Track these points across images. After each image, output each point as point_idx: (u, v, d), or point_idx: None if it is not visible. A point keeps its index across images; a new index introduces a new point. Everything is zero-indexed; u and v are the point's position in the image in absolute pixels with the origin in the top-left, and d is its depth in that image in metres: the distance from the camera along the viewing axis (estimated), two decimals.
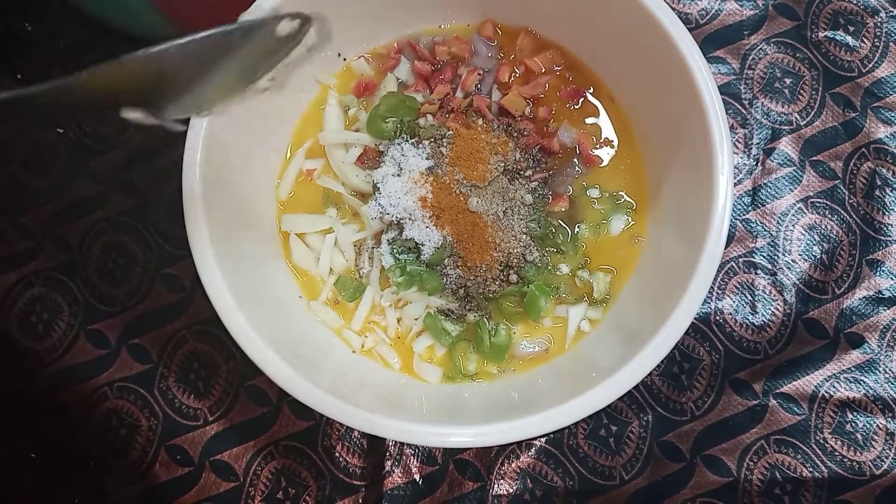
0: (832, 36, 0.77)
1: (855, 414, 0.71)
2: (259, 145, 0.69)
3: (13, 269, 0.77)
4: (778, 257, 0.73)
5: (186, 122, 0.60)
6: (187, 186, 0.60)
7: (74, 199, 0.78)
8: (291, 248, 0.70)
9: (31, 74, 0.80)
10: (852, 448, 0.70)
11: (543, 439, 0.71)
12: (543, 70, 0.72)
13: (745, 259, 0.74)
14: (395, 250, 0.68)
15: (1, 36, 0.81)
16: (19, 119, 0.48)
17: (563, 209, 0.69)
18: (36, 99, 0.45)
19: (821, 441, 0.70)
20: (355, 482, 0.71)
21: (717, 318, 0.73)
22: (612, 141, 0.71)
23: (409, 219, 0.67)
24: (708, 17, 0.78)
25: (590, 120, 0.71)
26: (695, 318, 0.72)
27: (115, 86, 0.46)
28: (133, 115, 0.46)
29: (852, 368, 0.71)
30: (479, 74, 0.72)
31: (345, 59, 0.74)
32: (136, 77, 0.47)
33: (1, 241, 0.78)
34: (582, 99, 0.71)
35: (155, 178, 0.77)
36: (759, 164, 0.75)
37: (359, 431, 0.71)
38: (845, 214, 0.74)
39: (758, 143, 0.76)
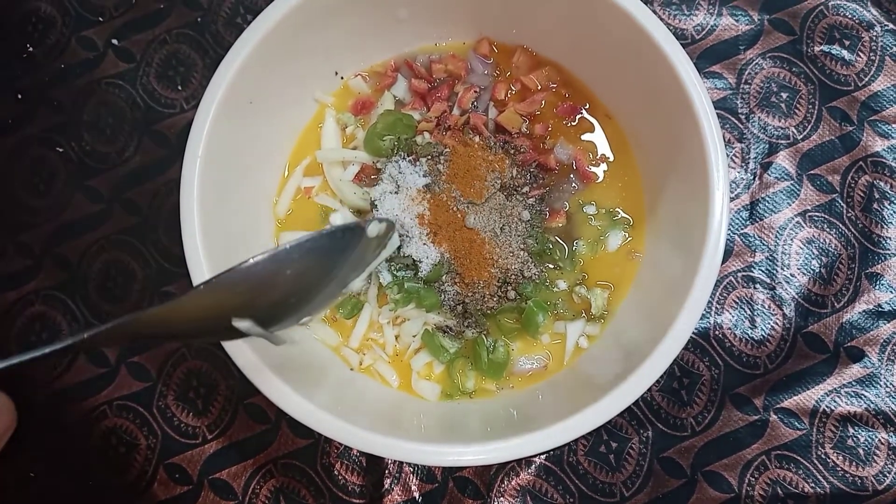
0: (828, 50, 0.77)
1: (856, 428, 0.70)
2: (257, 163, 0.70)
3: (13, 287, 0.77)
4: (777, 271, 0.73)
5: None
6: (185, 205, 0.60)
7: (74, 217, 0.78)
8: None
9: (32, 95, 0.80)
10: (854, 463, 0.70)
11: (543, 456, 0.71)
12: (539, 87, 0.72)
13: (744, 273, 0.73)
14: (392, 267, 0.68)
15: (3, 56, 0.82)
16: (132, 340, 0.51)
17: (561, 225, 0.70)
18: (149, 321, 0.47)
19: (822, 456, 0.70)
20: (354, 500, 0.71)
21: (717, 332, 0.72)
22: (609, 157, 0.71)
23: (407, 236, 0.67)
24: (704, 32, 0.78)
25: (586, 136, 0.71)
26: (694, 333, 0.72)
27: (222, 300, 0.48)
28: (242, 324, 0.48)
29: (853, 382, 0.71)
30: (475, 92, 0.72)
31: (342, 78, 0.74)
32: (243, 289, 0.49)
33: (1, 259, 0.78)
34: (578, 115, 0.71)
35: (154, 196, 0.78)
36: (756, 178, 0.75)
37: (357, 450, 0.71)
38: (844, 228, 0.74)
39: (755, 158, 0.76)
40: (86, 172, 0.79)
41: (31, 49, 0.81)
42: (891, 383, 0.71)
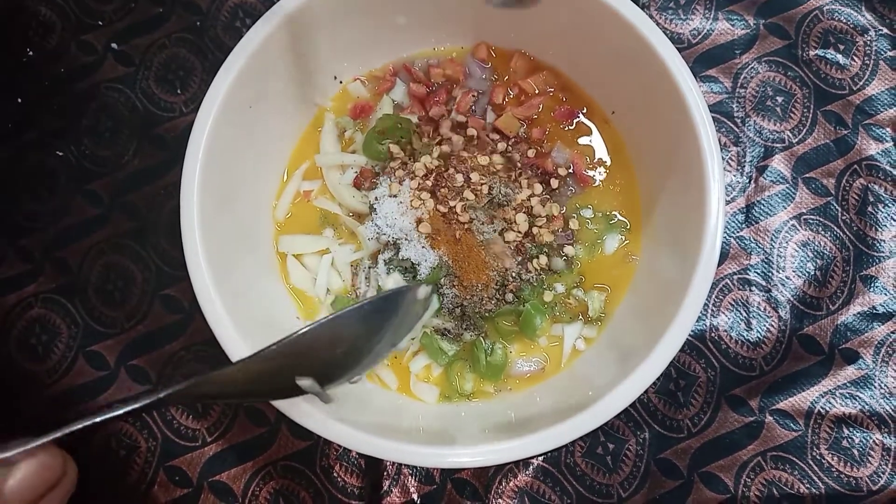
0: (823, 54, 0.78)
1: (851, 429, 0.71)
2: (256, 167, 0.70)
3: (13, 291, 0.77)
4: (772, 274, 0.74)
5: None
6: (185, 209, 0.60)
7: (74, 221, 0.78)
8: (289, 268, 0.70)
9: (33, 99, 0.81)
10: (849, 464, 0.70)
11: (541, 458, 0.71)
12: (537, 91, 0.72)
13: (740, 276, 0.74)
14: (391, 270, 0.68)
15: (3, 61, 0.82)
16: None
17: (558, 229, 0.70)
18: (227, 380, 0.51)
19: (817, 457, 0.70)
20: (353, 502, 0.71)
21: (713, 334, 0.73)
22: (606, 161, 0.71)
23: (406, 239, 0.67)
24: (700, 36, 0.79)
25: (583, 140, 0.72)
26: (690, 336, 0.72)
27: (287, 361, 0.52)
28: (305, 382, 0.52)
29: (847, 384, 0.71)
30: (473, 96, 0.73)
31: (341, 82, 0.75)
32: (307, 350, 0.53)
33: (1, 263, 0.78)
34: (575, 119, 0.72)
35: (154, 199, 0.78)
36: (752, 181, 0.76)
37: (356, 451, 0.71)
38: (838, 231, 0.75)
39: (751, 161, 0.76)
40: (86, 176, 0.79)
41: (31, 54, 0.82)
42: (885, 385, 0.71)
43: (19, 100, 0.81)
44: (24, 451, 0.45)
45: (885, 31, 0.78)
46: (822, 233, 0.75)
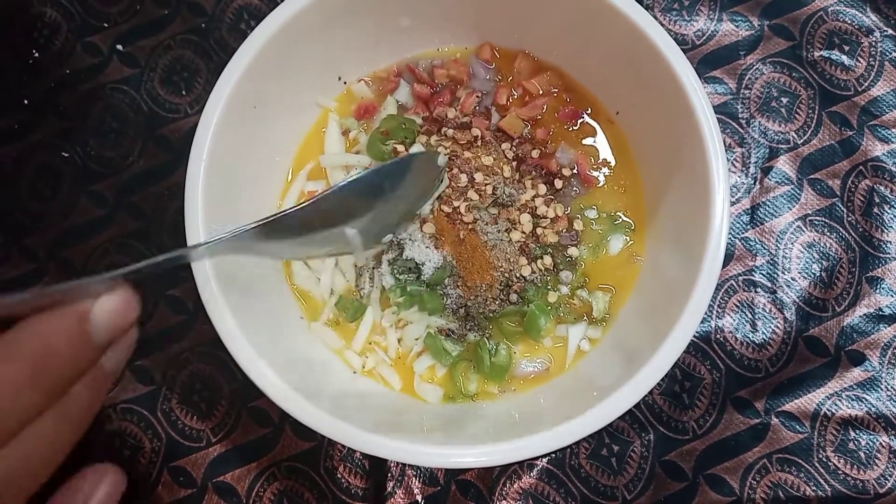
0: (828, 55, 0.78)
1: (857, 432, 0.70)
2: (261, 168, 0.70)
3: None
4: (777, 275, 0.74)
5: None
6: (189, 209, 0.60)
7: (79, 221, 0.78)
8: (293, 269, 0.70)
9: (38, 100, 0.81)
10: (855, 466, 0.70)
11: (545, 459, 0.71)
12: (541, 92, 0.72)
13: (745, 277, 0.74)
14: (395, 270, 0.68)
15: (9, 63, 0.82)
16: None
17: (563, 229, 0.70)
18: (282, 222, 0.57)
19: (823, 459, 0.70)
20: (357, 503, 0.71)
21: (718, 336, 0.73)
22: (610, 161, 0.71)
23: (409, 239, 0.67)
24: (704, 37, 0.79)
25: (587, 141, 0.72)
26: (695, 337, 0.72)
27: (340, 206, 0.58)
28: (351, 231, 0.59)
29: (854, 386, 0.71)
30: (477, 97, 0.73)
31: (345, 83, 0.75)
32: (356, 196, 0.59)
33: (5, 263, 0.78)
34: (580, 120, 0.72)
35: (158, 200, 0.78)
36: (757, 182, 0.76)
37: (360, 452, 0.71)
38: (844, 232, 0.74)
39: (756, 162, 0.76)
40: (90, 177, 0.79)
41: (36, 55, 0.82)
42: (892, 387, 0.71)
43: (25, 101, 0.81)
44: (105, 280, 0.44)
45: (890, 31, 0.78)
46: (828, 234, 0.74)
